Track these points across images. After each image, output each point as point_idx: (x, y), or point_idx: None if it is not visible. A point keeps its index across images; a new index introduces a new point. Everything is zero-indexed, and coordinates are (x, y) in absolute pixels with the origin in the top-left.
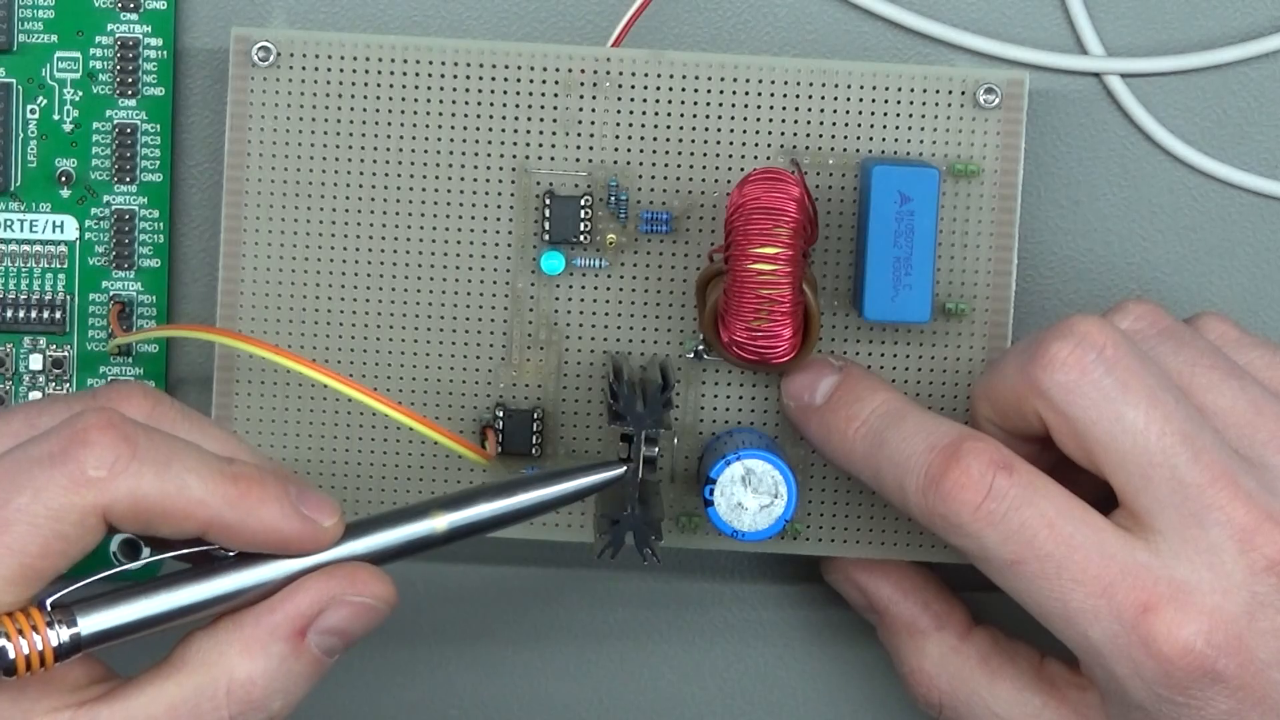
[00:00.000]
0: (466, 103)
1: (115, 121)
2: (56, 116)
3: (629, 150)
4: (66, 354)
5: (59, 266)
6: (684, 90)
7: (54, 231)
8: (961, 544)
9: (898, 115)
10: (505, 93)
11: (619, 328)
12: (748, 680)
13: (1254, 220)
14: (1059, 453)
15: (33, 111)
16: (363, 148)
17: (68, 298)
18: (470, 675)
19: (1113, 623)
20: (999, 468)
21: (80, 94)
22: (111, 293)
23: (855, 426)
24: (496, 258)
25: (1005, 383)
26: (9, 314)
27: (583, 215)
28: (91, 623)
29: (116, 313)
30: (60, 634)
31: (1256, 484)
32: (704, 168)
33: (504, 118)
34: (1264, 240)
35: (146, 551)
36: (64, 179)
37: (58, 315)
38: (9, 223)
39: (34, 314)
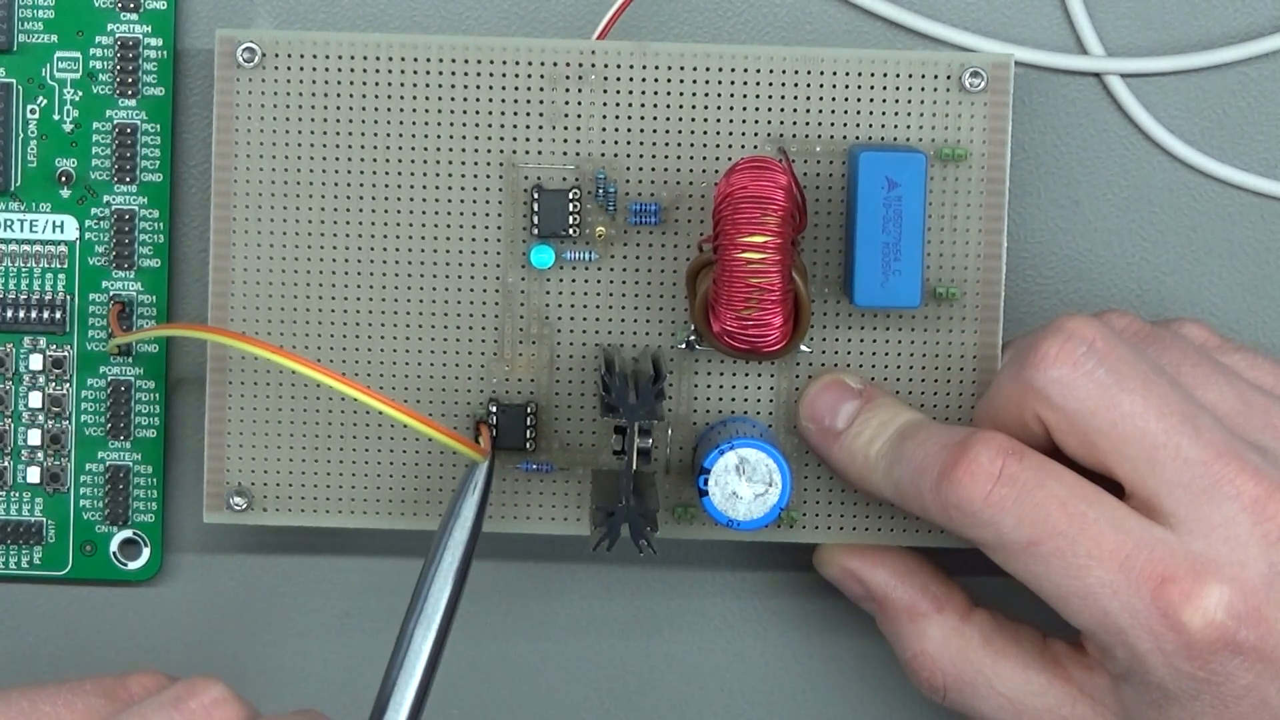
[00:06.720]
0: (452, 99)
1: (115, 121)
2: (56, 116)
3: (616, 142)
4: (66, 354)
5: (59, 266)
6: (670, 81)
7: (54, 231)
8: (978, 534)
9: (884, 101)
10: (491, 88)
11: (610, 320)
12: (745, 668)
13: (1254, 220)
14: (1070, 465)
15: (33, 111)
16: (350, 146)
17: (68, 298)
18: (468, 670)
19: (1132, 596)
20: (1008, 454)
21: (80, 94)
22: (111, 293)
23: (876, 449)
24: (486, 253)
25: (1002, 393)
26: (9, 314)
27: (571, 208)
28: None
29: (116, 313)
30: None
31: (1261, 458)
32: (691, 158)
33: (490, 112)
34: (1264, 240)
35: (146, 551)
36: (64, 179)
37: (58, 315)
38: (9, 223)
39: (34, 314)
